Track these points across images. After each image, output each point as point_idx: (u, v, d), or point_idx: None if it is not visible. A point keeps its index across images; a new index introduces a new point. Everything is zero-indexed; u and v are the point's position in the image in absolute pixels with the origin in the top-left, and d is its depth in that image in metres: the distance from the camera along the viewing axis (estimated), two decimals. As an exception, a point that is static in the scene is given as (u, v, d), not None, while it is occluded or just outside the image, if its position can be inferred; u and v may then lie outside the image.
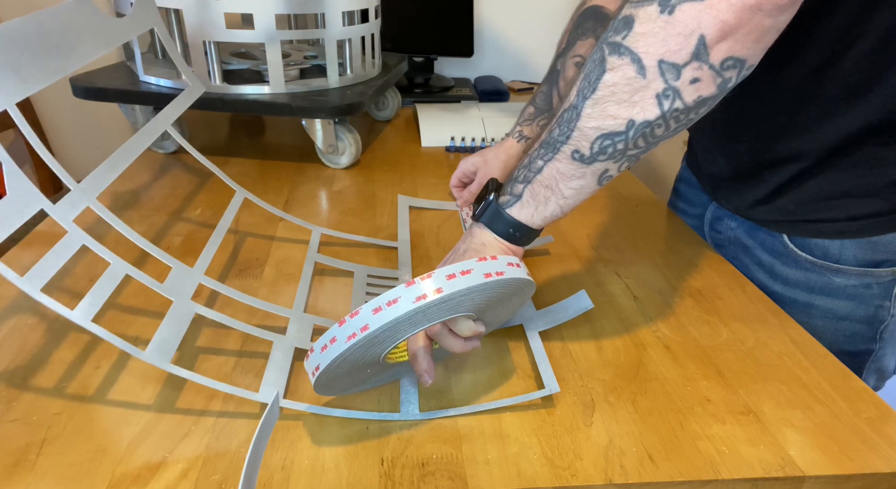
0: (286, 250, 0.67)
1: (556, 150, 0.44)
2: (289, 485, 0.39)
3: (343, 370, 0.41)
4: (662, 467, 0.41)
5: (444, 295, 0.38)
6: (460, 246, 0.50)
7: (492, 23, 1.40)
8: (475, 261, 0.40)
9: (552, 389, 0.46)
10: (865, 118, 0.53)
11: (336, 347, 0.39)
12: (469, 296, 0.40)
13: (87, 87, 0.87)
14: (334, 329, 0.39)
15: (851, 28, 0.50)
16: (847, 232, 0.58)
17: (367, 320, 0.38)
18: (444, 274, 0.39)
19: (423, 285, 0.38)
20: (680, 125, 0.42)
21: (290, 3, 0.82)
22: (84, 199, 0.47)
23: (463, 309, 0.42)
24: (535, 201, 0.46)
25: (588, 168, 0.44)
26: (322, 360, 0.39)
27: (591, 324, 0.56)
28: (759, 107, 0.59)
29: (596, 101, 0.42)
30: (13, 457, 0.41)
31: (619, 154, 0.43)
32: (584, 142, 0.43)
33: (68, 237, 0.44)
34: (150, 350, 0.42)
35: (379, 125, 1.12)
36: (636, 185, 0.88)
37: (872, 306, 0.61)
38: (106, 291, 0.44)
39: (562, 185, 0.45)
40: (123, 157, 0.54)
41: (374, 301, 0.38)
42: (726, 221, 0.71)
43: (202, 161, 0.66)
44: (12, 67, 0.42)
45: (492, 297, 0.43)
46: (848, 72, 0.52)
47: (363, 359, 0.41)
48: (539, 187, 0.46)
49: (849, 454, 0.42)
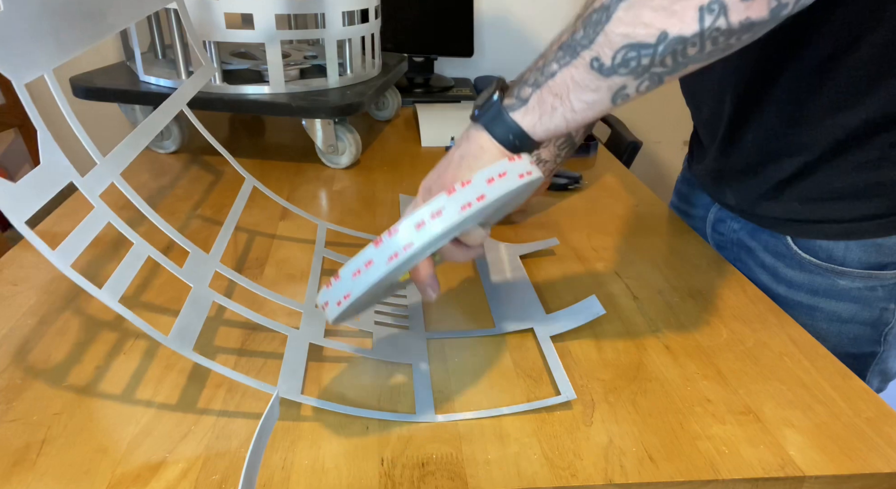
0: (287, 249, 0.67)
1: (575, 54, 0.40)
2: (289, 485, 0.39)
3: (363, 298, 0.39)
4: (662, 467, 0.41)
5: (487, 201, 0.37)
6: (454, 152, 0.45)
7: (492, 23, 1.40)
8: (507, 162, 0.38)
9: (568, 396, 0.46)
10: (874, 112, 0.52)
11: (374, 271, 0.36)
12: (500, 200, 0.39)
13: (87, 87, 0.87)
14: (369, 251, 0.36)
15: (866, 18, 0.49)
16: (852, 233, 0.58)
17: (411, 238, 0.36)
18: (484, 178, 0.37)
19: (465, 193, 0.36)
20: (716, 50, 0.38)
21: (290, 3, 0.82)
22: (109, 174, 0.47)
23: (485, 215, 0.40)
24: (540, 109, 0.42)
25: (605, 81, 0.40)
26: (354, 288, 0.37)
27: (591, 324, 0.55)
28: (768, 96, 0.58)
29: (631, 4, 0.37)
30: (13, 457, 0.41)
31: (641, 70, 0.39)
32: (608, 49, 0.38)
33: (95, 213, 0.43)
34: (173, 336, 0.42)
35: (379, 125, 1.12)
36: (636, 185, 0.88)
37: (877, 309, 0.61)
38: (131, 271, 0.43)
39: (573, 96, 0.41)
40: (143, 134, 0.53)
41: (413, 216, 0.36)
42: (729, 223, 0.71)
43: (214, 144, 0.66)
44: (52, 31, 0.42)
45: (510, 199, 0.41)
46: (860, 63, 0.51)
47: (384, 283, 0.39)
48: (548, 94, 0.42)
49: (849, 454, 0.42)
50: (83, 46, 0.45)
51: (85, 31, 0.46)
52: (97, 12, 0.48)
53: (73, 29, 0.44)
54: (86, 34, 0.46)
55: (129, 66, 0.95)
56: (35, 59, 0.40)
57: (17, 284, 0.59)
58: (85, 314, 0.55)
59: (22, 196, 0.37)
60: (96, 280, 0.38)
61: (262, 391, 0.45)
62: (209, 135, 0.67)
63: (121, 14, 0.53)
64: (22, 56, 0.38)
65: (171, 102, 0.59)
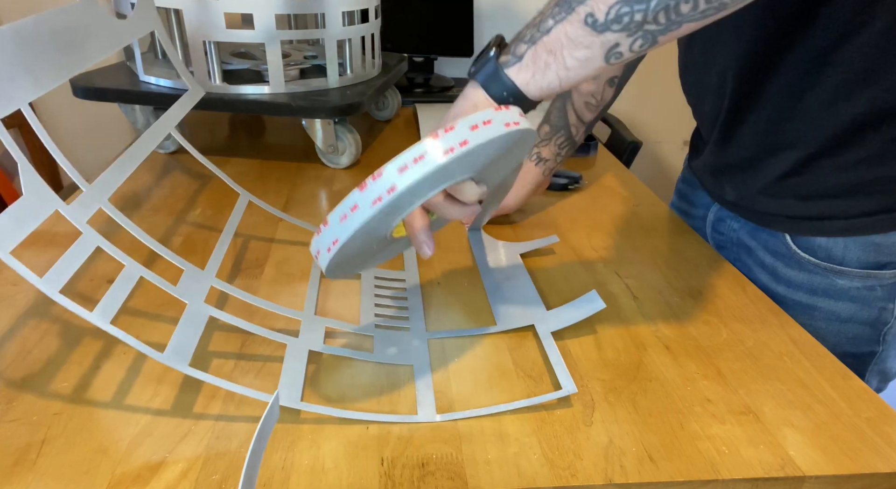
0: (286, 252, 0.67)
1: (570, 9, 0.40)
2: (289, 485, 0.39)
3: (354, 247, 0.39)
4: (662, 467, 0.41)
5: (470, 147, 0.37)
6: (451, 110, 0.46)
7: (492, 23, 1.40)
8: (493, 111, 0.38)
9: (569, 390, 0.46)
10: (873, 104, 0.52)
11: (359, 215, 0.36)
12: (486, 149, 0.39)
13: (87, 87, 0.87)
14: (354, 195, 0.36)
15: (863, 9, 0.49)
16: (851, 230, 0.58)
17: (394, 180, 0.36)
18: (468, 125, 0.37)
19: (448, 138, 0.36)
20: (710, 7, 0.38)
21: (290, 3, 0.82)
22: (96, 200, 0.47)
23: (474, 168, 0.40)
24: (534, 66, 0.42)
25: (598, 37, 0.40)
26: (342, 233, 0.37)
27: (591, 324, 0.55)
28: (766, 89, 0.58)
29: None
30: (13, 457, 0.41)
31: (634, 26, 0.39)
32: (602, 4, 0.39)
33: (83, 238, 0.43)
34: (168, 352, 0.42)
35: (379, 125, 1.12)
36: (636, 184, 0.88)
37: (876, 308, 0.61)
38: (122, 293, 0.44)
39: (566, 53, 0.41)
40: (130, 159, 0.54)
41: (397, 159, 0.36)
42: (728, 223, 0.71)
43: (206, 164, 0.67)
44: (26, 67, 0.42)
45: (500, 152, 0.41)
46: (857, 55, 0.51)
47: (375, 233, 0.39)
48: (542, 51, 0.42)
49: (849, 454, 0.42)
50: (60, 79, 0.45)
51: (61, 64, 0.46)
52: (73, 45, 0.48)
53: (49, 62, 0.44)
54: (62, 67, 0.46)
55: (129, 66, 0.95)
56: (11, 94, 0.40)
57: (18, 284, 0.59)
58: (85, 314, 0.55)
59: (6, 228, 0.36)
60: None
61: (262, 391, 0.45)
62: (199, 154, 0.67)
63: (100, 45, 0.52)
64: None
65: (160, 126, 0.60)
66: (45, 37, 0.44)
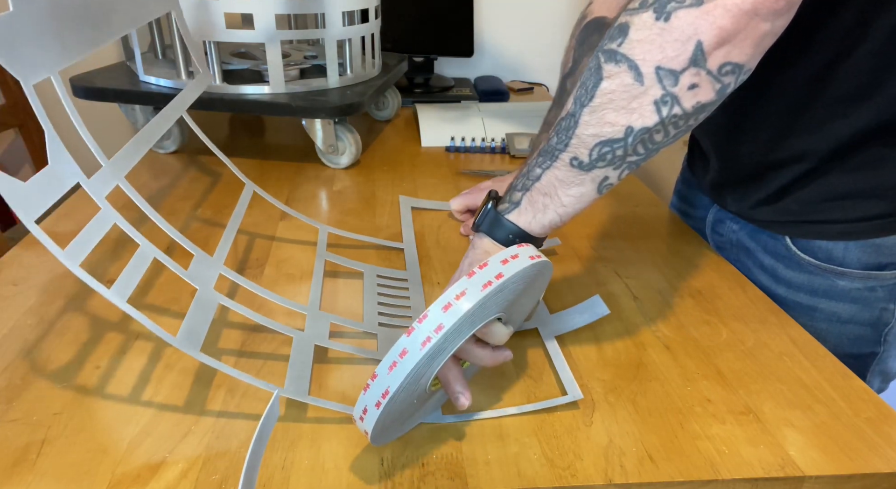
0: (287, 250, 0.67)
1: (554, 157, 0.44)
2: (289, 485, 0.39)
3: (398, 403, 0.38)
4: (662, 467, 0.41)
5: (504, 279, 0.39)
6: (464, 261, 0.49)
7: (492, 23, 1.40)
8: (516, 247, 0.41)
9: (575, 396, 0.46)
10: (871, 119, 0.53)
11: (409, 359, 0.36)
12: (515, 283, 0.41)
13: (86, 87, 0.87)
14: (402, 341, 0.37)
15: (856, 28, 0.50)
16: (851, 233, 0.58)
17: (440, 319, 0.37)
18: (498, 260, 0.39)
19: (483, 274, 0.39)
20: (679, 131, 0.42)
21: (290, 3, 0.82)
22: (113, 177, 0.47)
23: (504, 305, 0.42)
24: (533, 208, 0.46)
25: (587, 175, 0.43)
26: (392, 382, 0.36)
27: (591, 324, 0.55)
28: (763, 108, 0.58)
29: (594, 109, 0.41)
30: (13, 457, 0.41)
31: (618, 160, 0.43)
32: (583, 149, 0.42)
33: (101, 214, 0.43)
34: (181, 337, 0.42)
35: (379, 125, 1.12)
36: (636, 185, 0.88)
37: (877, 309, 0.61)
38: (138, 272, 0.44)
39: (560, 193, 0.45)
40: (144, 139, 0.54)
41: (439, 300, 0.38)
42: (728, 224, 0.71)
43: (214, 149, 0.67)
44: (57, 34, 0.42)
45: (524, 286, 0.43)
46: (853, 73, 0.52)
47: (416, 385, 0.39)
48: (537, 195, 0.45)
49: (849, 454, 0.42)
50: (87, 50, 0.46)
51: (89, 35, 0.46)
52: (101, 17, 0.49)
53: (78, 32, 0.45)
54: (89, 38, 0.46)
55: (129, 66, 0.95)
56: (42, 60, 0.40)
57: (18, 284, 0.59)
58: (85, 314, 0.55)
59: (32, 195, 0.37)
60: (99, 279, 0.38)
61: (263, 390, 0.45)
62: (209, 141, 0.67)
63: (123, 19, 0.53)
64: (29, 57, 0.38)
65: (172, 108, 0.60)
66: (77, 6, 0.45)
